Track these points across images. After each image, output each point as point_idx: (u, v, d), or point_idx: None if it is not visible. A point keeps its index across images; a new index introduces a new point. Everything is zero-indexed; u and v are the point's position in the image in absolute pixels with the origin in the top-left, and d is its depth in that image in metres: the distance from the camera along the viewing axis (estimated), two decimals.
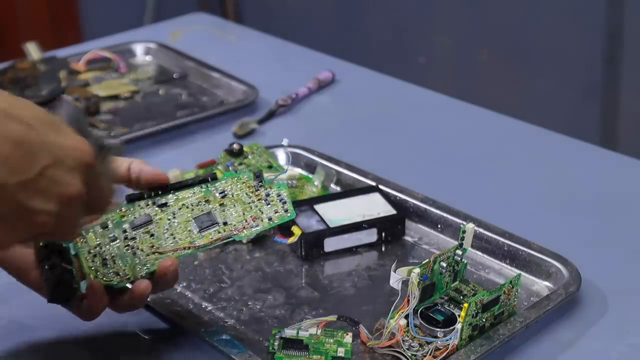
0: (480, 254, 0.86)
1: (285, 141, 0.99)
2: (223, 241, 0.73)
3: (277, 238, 0.82)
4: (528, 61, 2.13)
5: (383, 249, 0.88)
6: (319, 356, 0.72)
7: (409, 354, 0.72)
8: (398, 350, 0.72)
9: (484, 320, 0.73)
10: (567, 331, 0.77)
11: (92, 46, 1.33)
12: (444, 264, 0.75)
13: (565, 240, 0.87)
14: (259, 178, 0.76)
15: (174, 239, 0.73)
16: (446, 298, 0.77)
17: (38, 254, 0.69)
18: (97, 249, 0.73)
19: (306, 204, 0.89)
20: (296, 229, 0.82)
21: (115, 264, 0.72)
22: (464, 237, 0.76)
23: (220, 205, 0.75)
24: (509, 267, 0.84)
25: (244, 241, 0.87)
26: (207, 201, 0.75)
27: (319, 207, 0.89)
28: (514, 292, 0.75)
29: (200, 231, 0.73)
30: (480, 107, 1.18)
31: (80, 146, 0.61)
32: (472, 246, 0.81)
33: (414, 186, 0.93)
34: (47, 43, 1.41)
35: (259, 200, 0.75)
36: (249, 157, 0.96)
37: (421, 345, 0.72)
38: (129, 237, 0.73)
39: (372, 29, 2.39)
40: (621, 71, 1.99)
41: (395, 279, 0.73)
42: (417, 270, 0.72)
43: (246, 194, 0.75)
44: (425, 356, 0.71)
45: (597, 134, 2.04)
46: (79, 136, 0.62)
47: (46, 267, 0.68)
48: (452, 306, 0.76)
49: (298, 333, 0.73)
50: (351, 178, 0.96)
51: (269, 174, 0.90)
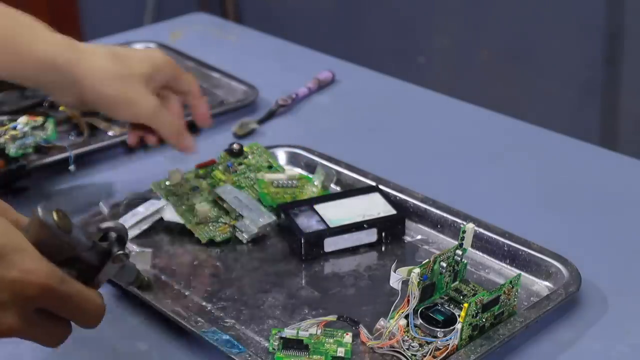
0: (480, 254, 0.86)
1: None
2: None
3: None
4: (528, 61, 2.13)
5: (383, 249, 0.88)
6: (319, 356, 0.72)
7: (409, 354, 0.72)
8: (398, 350, 0.72)
9: (484, 320, 0.73)
10: (567, 331, 0.77)
11: None
12: (444, 264, 0.75)
13: (565, 240, 0.87)
14: None
15: None
16: (446, 298, 0.77)
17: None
18: None
19: (306, 204, 0.89)
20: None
21: None
22: (464, 237, 0.76)
23: None
24: (509, 267, 0.84)
25: (244, 241, 0.88)
26: None
27: (319, 207, 0.89)
28: (514, 292, 0.75)
29: None
30: (480, 107, 1.18)
31: (27, 278, 0.57)
32: (472, 246, 0.81)
33: (414, 186, 0.93)
34: None
35: None
36: (249, 157, 0.96)
37: (421, 345, 0.72)
38: None
39: (372, 29, 2.39)
40: (621, 71, 1.99)
41: (395, 279, 0.73)
42: (417, 270, 0.72)
43: None
44: (425, 356, 0.71)
45: (597, 134, 2.04)
46: (34, 261, 0.57)
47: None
48: (452, 306, 0.76)
49: (298, 333, 0.73)
50: (351, 178, 0.96)
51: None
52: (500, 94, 2.14)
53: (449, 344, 0.71)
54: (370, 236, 0.87)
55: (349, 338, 0.73)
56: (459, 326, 0.71)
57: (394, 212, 0.89)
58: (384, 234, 0.88)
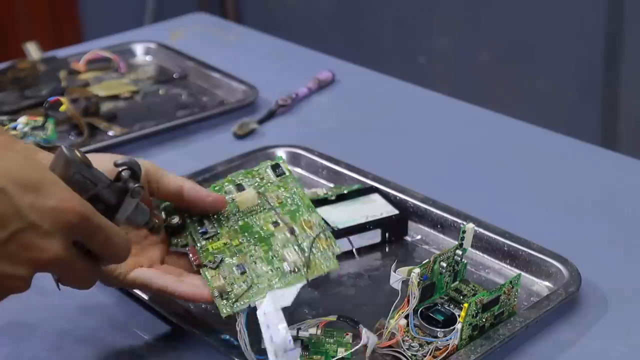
0: (480, 254, 0.86)
1: None
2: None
3: None
4: (528, 61, 2.13)
5: (387, 249, 0.88)
6: (319, 356, 0.72)
7: (409, 354, 0.72)
8: (398, 350, 0.72)
9: (484, 320, 0.73)
10: (567, 331, 0.77)
11: (92, 46, 1.33)
12: (444, 264, 0.75)
13: (565, 240, 0.87)
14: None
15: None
16: (446, 298, 0.77)
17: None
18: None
19: None
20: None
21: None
22: (464, 237, 0.76)
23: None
24: (509, 267, 0.84)
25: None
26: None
27: (321, 210, 0.88)
28: (514, 292, 0.75)
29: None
30: (480, 107, 1.18)
31: (64, 205, 0.59)
32: (472, 246, 0.81)
33: (414, 186, 0.93)
34: (47, 43, 1.41)
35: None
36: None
37: (421, 345, 0.72)
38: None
39: (372, 29, 2.39)
40: (621, 71, 1.99)
41: (395, 279, 0.73)
42: (417, 270, 0.72)
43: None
44: (425, 356, 0.71)
45: (597, 134, 2.04)
46: (67, 193, 0.60)
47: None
48: (452, 306, 0.76)
49: (298, 333, 0.73)
50: (351, 178, 0.96)
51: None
52: (501, 94, 2.14)
53: (449, 344, 0.71)
54: (374, 237, 0.87)
55: (349, 338, 0.73)
56: (459, 326, 0.71)
57: (396, 212, 0.89)
58: (387, 234, 0.88)
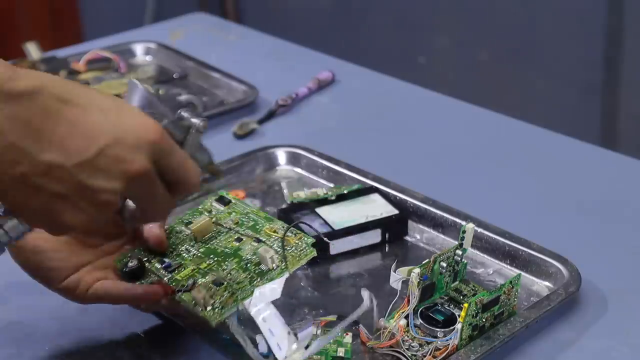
0: (480, 254, 0.86)
1: None
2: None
3: None
4: (528, 61, 2.13)
5: (387, 248, 0.88)
6: (319, 356, 0.72)
7: (409, 354, 0.72)
8: (398, 350, 0.72)
9: (484, 320, 0.73)
10: (567, 331, 0.77)
11: (92, 46, 1.34)
12: (444, 264, 0.75)
13: (565, 240, 0.87)
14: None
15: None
16: (446, 298, 0.77)
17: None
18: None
19: (307, 208, 0.89)
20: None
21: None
22: (464, 237, 0.76)
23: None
24: (509, 267, 0.84)
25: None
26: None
27: (321, 211, 0.88)
28: (514, 292, 0.75)
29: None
30: (480, 107, 1.18)
31: (144, 124, 0.61)
32: (472, 246, 0.81)
33: (414, 186, 0.93)
34: (47, 43, 1.41)
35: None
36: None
37: (421, 345, 0.72)
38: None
39: (372, 29, 2.39)
40: (621, 71, 1.99)
41: (395, 279, 0.73)
42: (417, 270, 0.72)
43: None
44: (425, 356, 0.71)
45: (597, 134, 2.04)
46: (145, 117, 0.62)
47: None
48: (452, 306, 0.76)
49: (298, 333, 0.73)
50: (351, 178, 0.96)
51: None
52: (500, 94, 2.14)
53: (449, 344, 0.71)
54: (374, 237, 0.87)
55: (349, 338, 0.73)
56: (459, 326, 0.71)
57: (396, 211, 0.89)
58: (387, 234, 0.88)
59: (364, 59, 1.46)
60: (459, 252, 0.76)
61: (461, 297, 0.77)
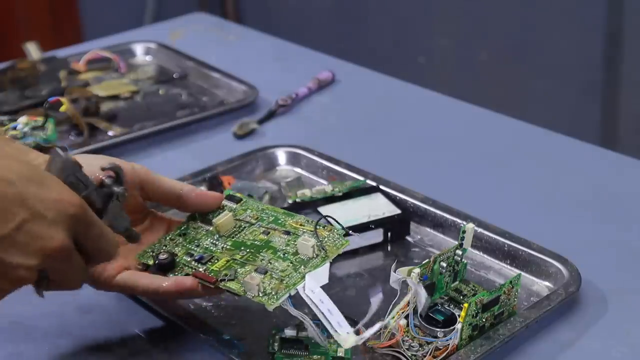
0: (480, 254, 0.86)
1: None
2: None
3: None
4: (528, 61, 2.13)
5: (389, 248, 0.88)
6: (319, 356, 0.72)
7: (409, 354, 0.72)
8: (398, 350, 0.72)
9: (484, 320, 0.73)
10: (567, 331, 0.77)
11: (92, 46, 1.34)
12: (444, 264, 0.75)
13: (565, 240, 0.87)
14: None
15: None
16: (446, 298, 0.77)
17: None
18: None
19: (309, 207, 0.89)
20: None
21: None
22: (464, 237, 0.76)
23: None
24: (509, 267, 0.84)
25: None
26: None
27: (323, 210, 0.88)
28: (514, 292, 0.75)
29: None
30: (480, 107, 1.18)
31: (65, 198, 0.61)
32: (472, 246, 0.81)
33: (414, 186, 0.93)
34: (47, 43, 1.41)
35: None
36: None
37: (421, 345, 0.72)
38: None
39: (372, 29, 2.39)
40: (621, 71, 1.99)
41: (395, 279, 0.73)
42: (417, 270, 0.72)
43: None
44: (425, 356, 0.71)
45: (597, 134, 2.04)
46: (66, 189, 0.62)
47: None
48: (452, 306, 0.76)
49: (298, 333, 0.73)
50: (351, 178, 0.96)
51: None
52: (500, 94, 2.14)
53: (449, 344, 0.71)
54: (376, 236, 0.87)
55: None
56: (459, 326, 0.71)
57: (398, 211, 0.89)
58: (389, 233, 0.88)
59: (364, 59, 1.46)
60: (459, 252, 0.76)
61: (461, 297, 0.77)
